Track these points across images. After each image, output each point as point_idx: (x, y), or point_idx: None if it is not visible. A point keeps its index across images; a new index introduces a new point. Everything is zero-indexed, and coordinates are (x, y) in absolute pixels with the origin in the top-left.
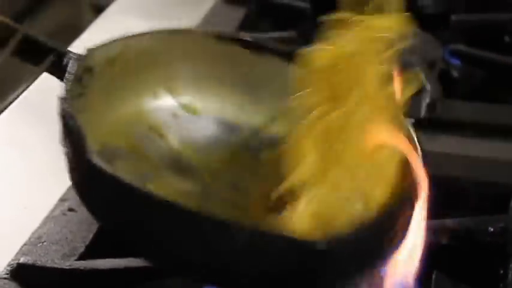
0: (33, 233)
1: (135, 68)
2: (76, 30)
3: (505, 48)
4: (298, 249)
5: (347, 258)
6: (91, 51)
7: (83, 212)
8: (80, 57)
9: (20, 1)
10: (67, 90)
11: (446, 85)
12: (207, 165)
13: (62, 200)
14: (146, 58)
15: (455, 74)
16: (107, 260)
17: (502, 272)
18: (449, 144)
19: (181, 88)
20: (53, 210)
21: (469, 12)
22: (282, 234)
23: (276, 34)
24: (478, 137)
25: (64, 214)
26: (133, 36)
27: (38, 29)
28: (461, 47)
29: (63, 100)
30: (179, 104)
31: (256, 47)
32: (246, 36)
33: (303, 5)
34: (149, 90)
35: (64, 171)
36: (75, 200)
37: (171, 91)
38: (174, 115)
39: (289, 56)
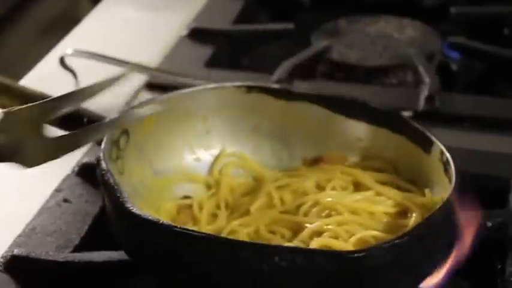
0: (27, 225)
1: (170, 126)
2: (73, 21)
3: (505, 41)
4: (339, 261)
5: (385, 268)
6: (126, 114)
7: (78, 203)
8: (116, 121)
9: None
10: (105, 154)
11: (445, 78)
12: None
13: (57, 190)
14: (180, 116)
15: (454, 66)
16: (101, 252)
17: (499, 267)
18: (447, 137)
19: (217, 143)
20: (47, 201)
21: (469, 5)
22: (322, 250)
23: (273, 26)
24: (477, 130)
25: (59, 205)
26: (165, 96)
27: (35, 19)
28: (460, 39)
29: (103, 161)
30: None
31: (285, 94)
32: (275, 85)
33: None
34: (186, 146)
35: (59, 161)
36: (70, 191)
37: (207, 147)
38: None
39: (317, 100)
